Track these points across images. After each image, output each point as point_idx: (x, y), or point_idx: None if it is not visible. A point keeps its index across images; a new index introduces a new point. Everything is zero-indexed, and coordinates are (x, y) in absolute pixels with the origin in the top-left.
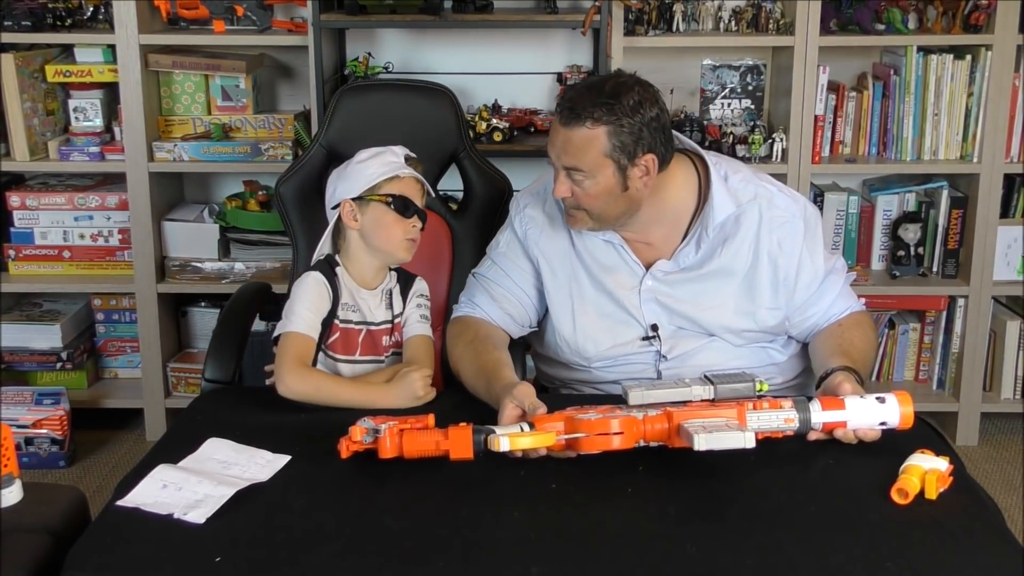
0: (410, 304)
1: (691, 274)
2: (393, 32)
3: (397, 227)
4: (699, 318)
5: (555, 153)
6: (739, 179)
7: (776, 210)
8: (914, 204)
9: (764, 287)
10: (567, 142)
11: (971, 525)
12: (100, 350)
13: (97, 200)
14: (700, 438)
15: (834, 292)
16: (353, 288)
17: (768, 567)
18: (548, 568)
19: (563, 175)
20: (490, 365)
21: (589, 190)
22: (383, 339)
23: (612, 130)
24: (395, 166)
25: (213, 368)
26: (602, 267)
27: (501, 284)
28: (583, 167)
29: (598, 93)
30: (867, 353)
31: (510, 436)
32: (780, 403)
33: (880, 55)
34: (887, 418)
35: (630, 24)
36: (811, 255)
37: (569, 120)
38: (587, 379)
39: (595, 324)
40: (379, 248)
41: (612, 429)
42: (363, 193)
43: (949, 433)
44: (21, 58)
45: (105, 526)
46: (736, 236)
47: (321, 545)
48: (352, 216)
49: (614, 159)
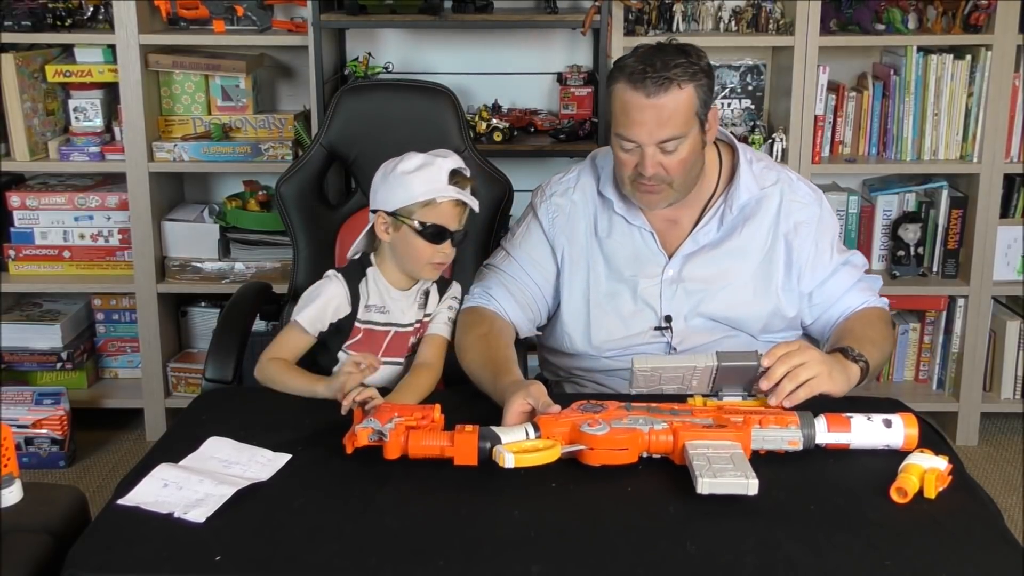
0: (442, 305)
1: (711, 252)
2: (393, 32)
3: (425, 252)
4: (717, 298)
5: (646, 131)
6: (762, 166)
7: (796, 195)
8: (914, 204)
9: (779, 269)
10: (660, 112)
11: (970, 524)
12: (100, 350)
13: (97, 200)
14: (704, 482)
15: (845, 285)
16: (385, 289)
17: (768, 566)
18: (548, 567)
19: (652, 151)
20: (500, 359)
21: (682, 154)
22: (410, 340)
23: (697, 86)
24: (436, 187)
25: (214, 368)
26: (624, 256)
27: (517, 278)
28: (679, 131)
29: (673, 54)
30: (875, 340)
31: (515, 453)
32: (786, 420)
33: (880, 55)
34: (892, 441)
35: (630, 24)
36: (821, 242)
37: (659, 88)
38: (593, 367)
39: (609, 314)
40: (404, 265)
41: (618, 446)
42: (398, 211)
43: (949, 433)
44: (21, 58)
45: (105, 525)
46: (756, 217)
47: (321, 544)
48: (384, 229)
49: (699, 116)
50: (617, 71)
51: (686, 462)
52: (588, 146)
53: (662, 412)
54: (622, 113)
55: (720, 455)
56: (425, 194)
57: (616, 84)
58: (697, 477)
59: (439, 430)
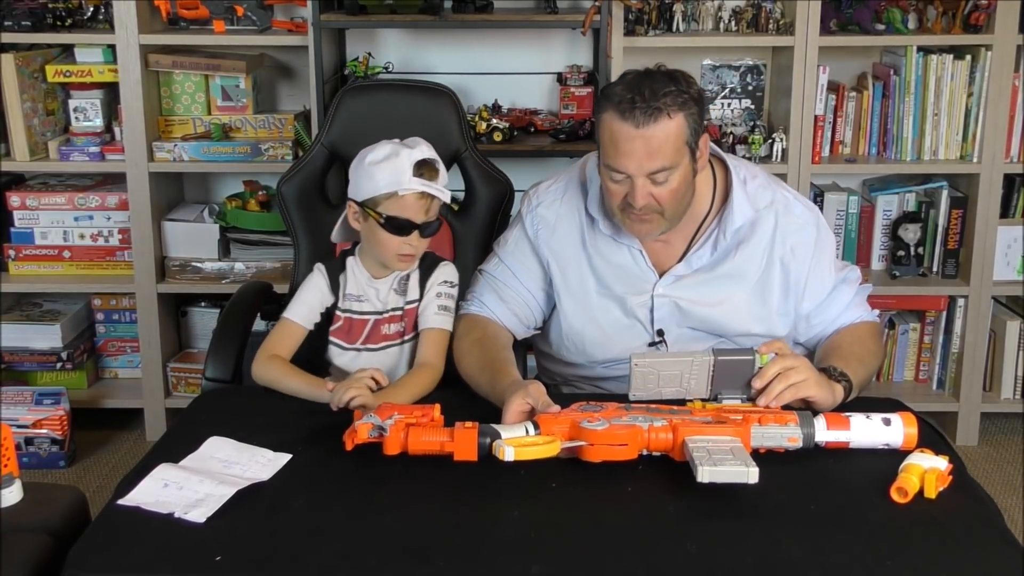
0: (429, 292)
1: (703, 276)
2: (393, 32)
3: (391, 243)
4: (711, 317)
5: (635, 163)
6: (757, 184)
7: (791, 216)
8: (914, 204)
9: (775, 292)
10: (649, 143)
11: (970, 524)
12: (100, 350)
13: (97, 200)
14: (704, 470)
15: (843, 303)
16: (363, 277)
17: (768, 566)
18: (548, 567)
19: (642, 182)
20: (496, 362)
21: (672, 185)
22: (383, 327)
23: (687, 115)
24: (399, 180)
25: (214, 367)
26: (613, 272)
27: (508, 284)
28: (669, 162)
29: (662, 82)
30: (862, 357)
31: (515, 446)
32: (785, 418)
33: (880, 55)
34: (891, 439)
35: (630, 24)
36: (819, 263)
37: (648, 118)
38: (590, 376)
39: (602, 328)
40: (375, 255)
41: (617, 441)
42: (365, 201)
43: (949, 433)
44: (21, 58)
45: (105, 525)
46: (751, 240)
47: (321, 544)
48: (355, 218)
49: (689, 145)
50: (605, 99)
51: (686, 455)
52: (588, 146)
53: (661, 412)
54: (611, 144)
55: (720, 448)
56: (388, 186)
57: (604, 113)
58: (697, 466)
59: (438, 428)
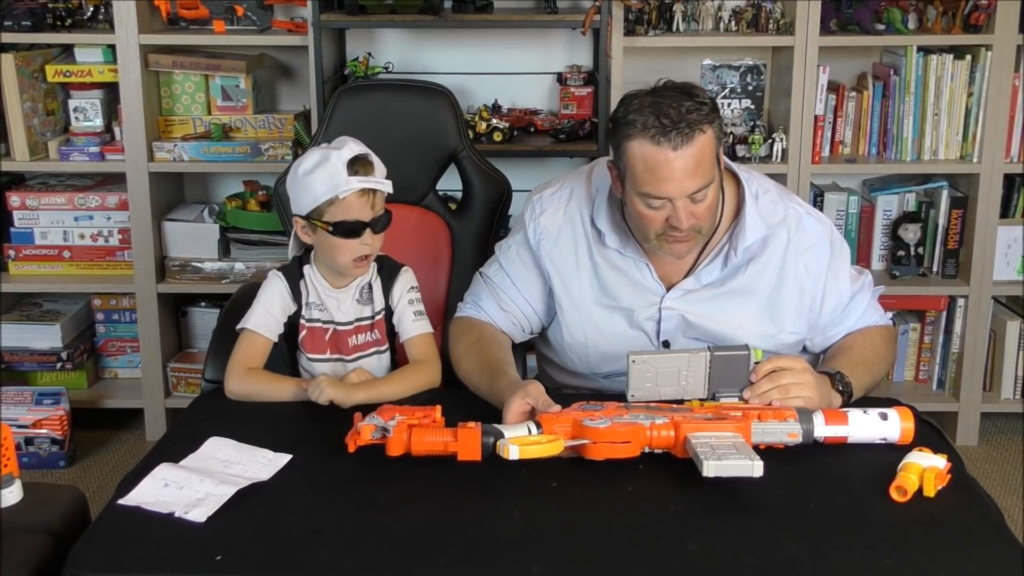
0: (400, 302)
1: (712, 291)
2: (393, 32)
3: (347, 248)
4: (718, 332)
5: (676, 186)
6: (769, 199)
7: (804, 233)
8: (914, 204)
9: (788, 311)
10: (687, 163)
11: (970, 523)
12: (100, 350)
13: (97, 200)
14: (709, 464)
15: (859, 311)
16: (323, 288)
17: (767, 565)
18: (548, 567)
19: (683, 203)
20: (495, 363)
21: (709, 199)
22: (350, 339)
23: (714, 128)
24: (336, 183)
25: (214, 367)
26: (620, 284)
27: (508, 293)
28: (708, 178)
29: (677, 98)
30: (870, 362)
31: (520, 445)
32: (785, 414)
33: (880, 55)
34: (888, 434)
35: (630, 24)
36: (836, 279)
37: (685, 139)
38: (594, 386)
39: (607, 340)
40: (332, 264)
41: (620, 438)
42: (309, 214)
43: (949, 433)
44: (21, 58)
45: (106, 525)
46: (762, 257)
47: (322, 545)
48: (304, 232)
49: (718, 157)
50: (628, 127)
51: (689, 451)
52: (588, 146)
53: (662, 410)
54: (646, 171)
55: (723, 443)
56: (327, 192)
57: (631, 141)
58: (702, 461)
59: (441, 428)
